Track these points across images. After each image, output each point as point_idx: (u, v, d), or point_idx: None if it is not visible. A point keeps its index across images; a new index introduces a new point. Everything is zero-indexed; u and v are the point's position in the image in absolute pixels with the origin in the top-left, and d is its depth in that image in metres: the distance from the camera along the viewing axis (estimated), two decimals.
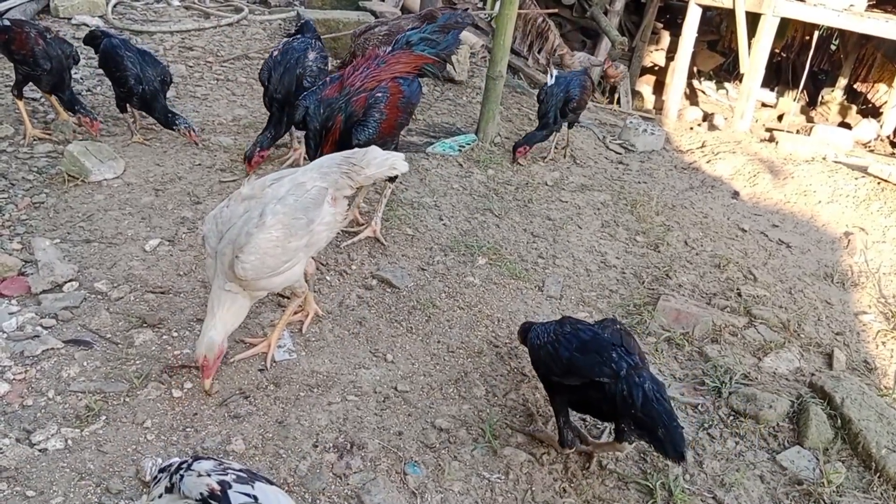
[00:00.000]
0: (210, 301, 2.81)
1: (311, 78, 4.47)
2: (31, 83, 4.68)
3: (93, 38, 4.91)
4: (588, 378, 2.59)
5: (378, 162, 3.00)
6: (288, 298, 3.38)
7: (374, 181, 3.06)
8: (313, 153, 3.90)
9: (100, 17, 7.11)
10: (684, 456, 2.38)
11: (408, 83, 4.00)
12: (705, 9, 9.86)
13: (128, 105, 4.87)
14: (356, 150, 3.02)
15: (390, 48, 4.14)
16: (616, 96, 8.65)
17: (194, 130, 4.76)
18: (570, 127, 6.23)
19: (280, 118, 4.53)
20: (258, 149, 4.46)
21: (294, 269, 2.91)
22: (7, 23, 4.56)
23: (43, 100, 5.25)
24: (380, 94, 3.85)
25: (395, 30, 5.86)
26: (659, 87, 11.40)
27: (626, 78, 8.85)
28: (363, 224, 4.29)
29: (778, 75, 12.54)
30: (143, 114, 5.00)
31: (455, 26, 4.35)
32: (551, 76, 5.90)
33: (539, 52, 9.20)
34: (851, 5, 8.82)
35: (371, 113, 3.80)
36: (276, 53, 4.61)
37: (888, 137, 9.89)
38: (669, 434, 2.37)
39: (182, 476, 1.77)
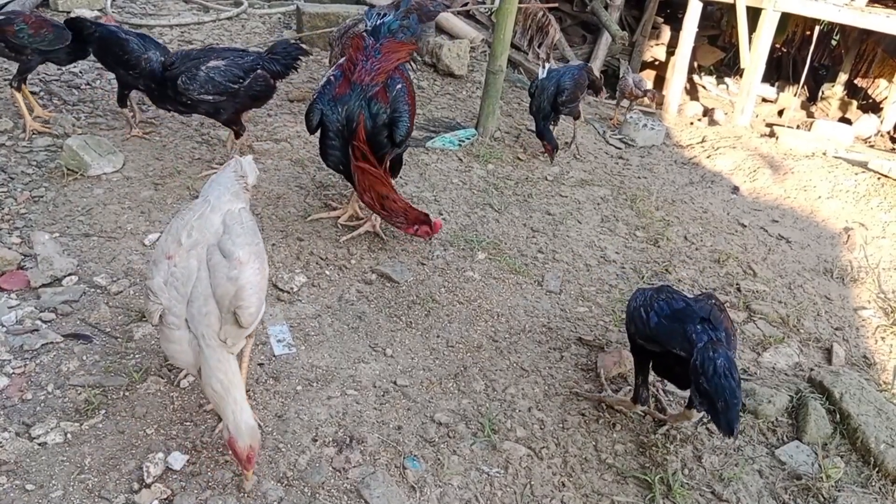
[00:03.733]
0: (211, 380, 2.38)
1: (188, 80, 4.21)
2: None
3: (81, 30, 4.71)
4: (666, 348, 2.74)
5: (250, 168, 2.89)
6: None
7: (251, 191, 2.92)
8: (340, 155, 3.89)
9: (99, 10, 7.09)
10: (734, 433, 2.48)
11: (405, 69, 4.05)
12: (706, 3, 9.83)
13: (128, 98, 4.84)
14: (233, 161, 2.87)
15: (372, 37, 4.10)
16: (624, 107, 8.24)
17: None
18: (575, 118, 6.22)
19: None
20: None
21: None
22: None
23: (42, 93, 5.24)
24: (399, 86, 3.85)
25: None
26: (659, 82, 11.37)
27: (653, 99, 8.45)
28: (363, 219, 4.29)
29: (778, 70, 12.51)
30: (143, 107, 4.96)
31: (414, 11, 4.35)
32: (543, 70, 5.90)
33: (539, 47, 9.18)
34: (852, 0, 8.79)
35: (400, 107, 3.79)
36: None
37: (888, 133, 9.88)
38: (727, 409, 2.46)
39: None
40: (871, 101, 11.46)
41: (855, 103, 11.26)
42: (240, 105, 4.47)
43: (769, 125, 9.74)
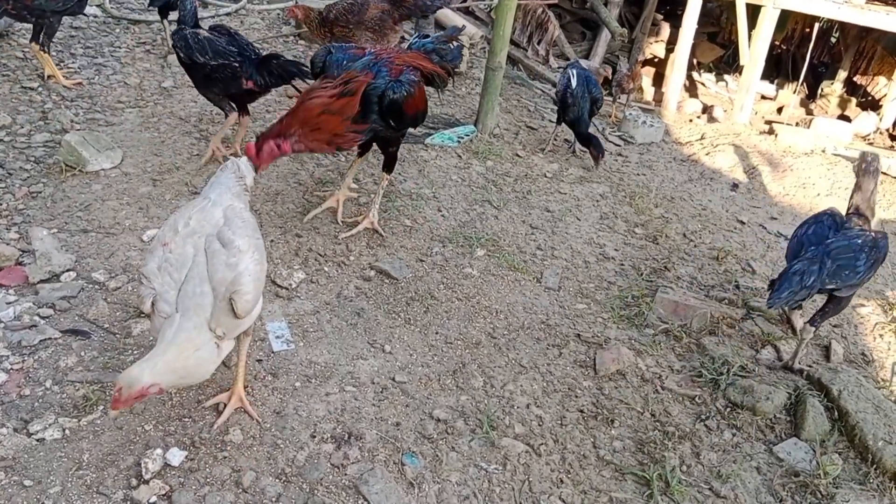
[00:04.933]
0: (178, 346, 2.31)
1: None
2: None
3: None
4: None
5: (247, 169, 2.88)
6: None
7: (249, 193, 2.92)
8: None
9: (97, 6, 7.06)
10: (772, 303, 3.23)
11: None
12: (706, 0, 9.81)
13: None
14: (232, 162, 2.84)
15: (407, 48, 4.11)
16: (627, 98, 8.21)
17: None
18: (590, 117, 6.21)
19: None
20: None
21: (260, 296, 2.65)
22: None
23: (40, 89, 5.22)
24: (413, 75, 3.74)
25: (360, 0, 5.70)
26: (658, 79, 11.34)
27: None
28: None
29: (778, 68, 12.49)
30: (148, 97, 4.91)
31: (456, 39, 4.33)
32: (573, 76, 5.74)
33: (539, 44, 9.17)
34: None
35: (406, 78, 3.65)
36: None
37: (887, 130, 9.87)
38: (780, 284, 3.24)
39: None
40: (870, 98, 11.45)
41: (854, 101, 11.24)
42: (207, 82, 4.39)
43: (768, 122, 9.73)
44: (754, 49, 9.09)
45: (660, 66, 11.77)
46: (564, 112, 5.81)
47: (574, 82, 5.71)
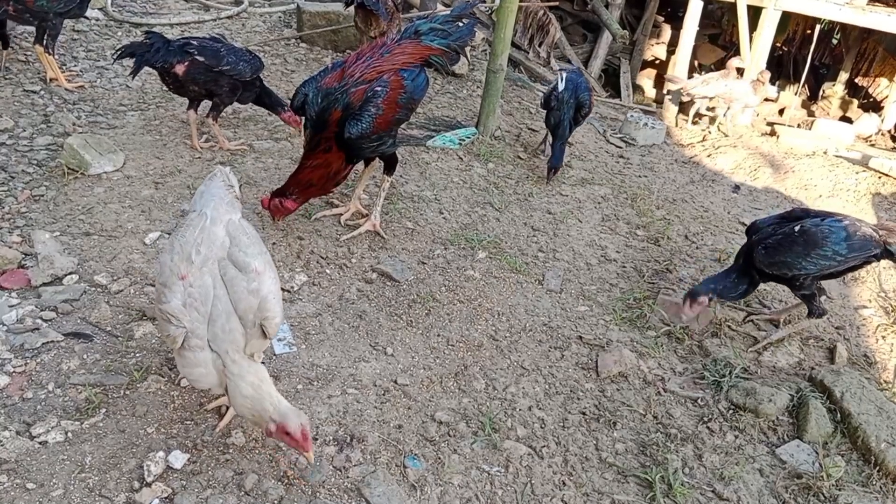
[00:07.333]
0: (241, 388, 2.36)
1: None
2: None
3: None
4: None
5: (233, 178, 2.85)
6: None
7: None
8: (309, 140, 3.87)
9: (99, 9, 7.08)
10: None
11: (412, 77, 3.85)
12: (707, 2, 9.82)
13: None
14: (218, 171, 2.81)
15: (398, 36, 4.07)
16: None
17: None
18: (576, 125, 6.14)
19: None
20: None
21: None
22: None
23: (42, 92, 5.23)
24: (379, 88, 3.71)
25: None
26: (660, 81, 11.34)
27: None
28: (365, 216, 4.29)
29: (779, 69, 12.49)
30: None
31: (469, 16, 4.28)
32: (562, 79, 5.57)
33: (540, 46, 9.17)
34: None
35: (367, 107, 3.67)
36: None
37: (889, 132, 9.86)
38: None
39: None
40: (871, 99, 11.43)
41: (856, 102, 11.23)
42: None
43: (770, 124, 9.73)
44: (756, 51, 9.09)
45: (661, 67, 11.77)
46: (549, 115, 5.60)
47: (561, 85, 5.50)
